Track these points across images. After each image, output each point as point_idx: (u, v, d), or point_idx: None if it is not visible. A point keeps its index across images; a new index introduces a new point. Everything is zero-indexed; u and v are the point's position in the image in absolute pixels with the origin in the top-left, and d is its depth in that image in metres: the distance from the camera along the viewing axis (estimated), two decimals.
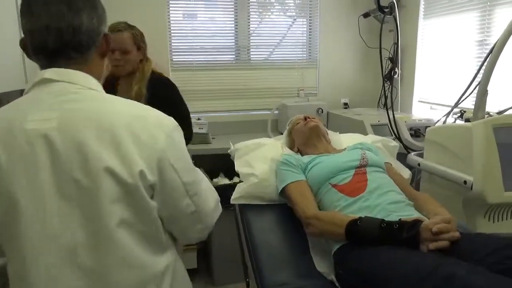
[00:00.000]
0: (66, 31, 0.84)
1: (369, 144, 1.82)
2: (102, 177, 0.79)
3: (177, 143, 0.89)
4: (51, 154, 0.80)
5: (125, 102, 0.90)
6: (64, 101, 0.84)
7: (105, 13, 0.93)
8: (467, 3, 2.52)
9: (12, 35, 1.80)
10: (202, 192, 0.97)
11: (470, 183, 1.59)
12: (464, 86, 1.96)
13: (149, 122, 0.86)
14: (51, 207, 0.81)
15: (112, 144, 0.80)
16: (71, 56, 0.87)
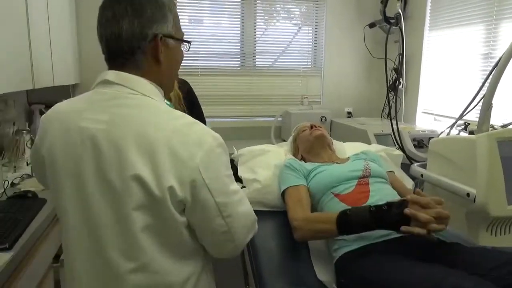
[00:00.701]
0: (110, 38, 0.89)
1: (373, 153, 1.82)
2: (131, 183, 0.82)
3: (214, 162, 0.86)
4: (96, 154, 0.85)
5: (172, 114, 0.89)
6: (115, 105, 0.88)
7: (160, 14, 0.91)
8: (473, 16, 2.53)
9: (21, 35, 1.81)
10: (238, 215, 0.93)
11: (473, 195, 1.59)
12: (468, 99, 1.96)
13: (190, 139, 0.85)
14: (92, 203, 0.87)
15: (147, 154, 0.82)
16: (121, 61, 0.91)
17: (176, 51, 0.98)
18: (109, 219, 0.86)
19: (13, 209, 1.47)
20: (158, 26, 0.90)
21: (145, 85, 0.91)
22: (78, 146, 0.87)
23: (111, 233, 0.87)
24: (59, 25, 2.40)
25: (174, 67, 1.00)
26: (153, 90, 0.92)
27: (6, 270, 1.13)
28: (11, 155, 2.04)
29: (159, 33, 0.90)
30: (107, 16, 0.89)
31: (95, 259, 0.89)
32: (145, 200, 0.83)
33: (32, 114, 2.64)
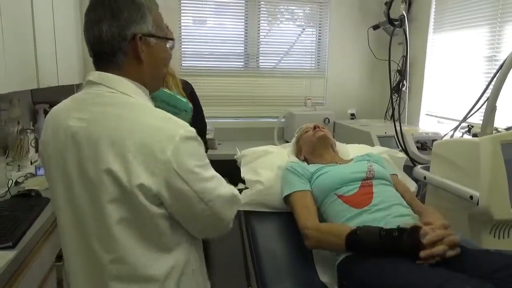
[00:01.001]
0: (93, 41, 0.94)
1: (376, 155, 1.81)
2: (104, 177, 0.86)
3: (186, 154, 0.88)
4: (77, 151, 0.90)
5: (146, 111, 0.92)
6: (95, 104, 0.93)
7: (139, 14, 0.93)
8: (477, 19, 2.52)
9: (26, 35, 1.82)
10: (219, 197, 0.96)
11: (476, 198, 1.58)
12: (472, 101, 1.96)
13: (161, 133, 0.87)
14: (77, 197, 0.92)
15: (119, 149, 0.85)
16: (104, 62, 0.95)
17: (159, 49, 0.99)
18: (90, 212, 0.91)
19: (16, 208, 1.48)
20: (136, 26, 0.93)
21: (125, 84, 0.94)
22: (64, 144, 0.93)
23: (91, 226, 0.91)
24: (64, 25, 2.42)
25: (158, 65, 1.02)
26: (133, 89, 0.95)
27: (10, 268, 1.14)
28: (15, 154, 2.05)
29: (138, 33, 0.93)
30: (90, 20, 0.94)
31: (83, 250, 0.94)
32: (118, 193, 0.87)
33: (37, 114, 2.66)
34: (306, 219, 1.43)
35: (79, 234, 0.94)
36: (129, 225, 0.89)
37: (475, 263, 1.17)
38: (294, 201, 1.54)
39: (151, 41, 0.96)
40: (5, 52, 1.56)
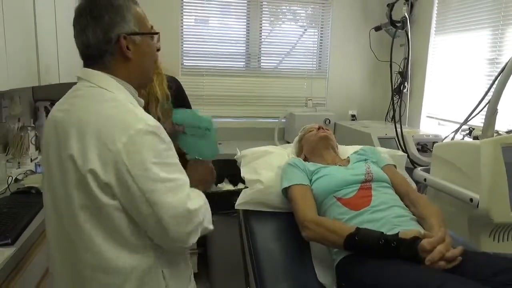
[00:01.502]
0: (82, 48, 1.01)
1: (371, 149, 1.82)
2: (68, 162, 0.92)
3: (140, 148, 0.89)
4: (57, 137, 0.97)
5: (113, 103, 0.96)
6: (74, 96, 1.01)
7: (119, 16, 0.98)
8: (479, 21, 2.52)
9: (27, 32, 1.82)
10: (165, 204, 0.91)
11: (476, 201, 1.58)
12: (473, 104, 1.96)
13: (118, 124, 0.90)
14: (54, 181, 0.97)
15: (80, 137, 0.91)
16: (91, 63, 1.01)
17: (145, 45, 1.04)
18: (62, 197, 0.96)
19: (16, 205, 1.48)
20: (119, 27, 0.98)
21: (105, 79, 1.00)
22: (49, 132, 1.01)
23: (64, 211, 0.96)
24: (66, 23, 2.40)
25: (147, 59, 1.06)
26: (113, 84, 0.99)
27: (8, 265, 1.14)
28: (16, 151, 2.05)
29: (121, 33, 0.98)
30: (76, 29, 1.01)
31: (60, 233, 0.99)
32: (77, 179, 0.91)
33: (37, 111, 2.65)
34: (305, 211, 1.44)
35: (55, 218, 0.99)
36: (90, 213, 0.92)
37: (474, 266, 1.17)
38: (294, 193, 1.54)
39: (136, 38, 1.01)
40: (7, 50, 1.56)
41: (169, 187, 0.92)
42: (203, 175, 1.21)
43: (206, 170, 1.23)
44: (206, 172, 1.23)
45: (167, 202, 0.91)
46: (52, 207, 1.00)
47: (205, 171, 1.23)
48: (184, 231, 0.94)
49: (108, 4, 0.98)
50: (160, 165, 0.91)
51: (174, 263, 1.05)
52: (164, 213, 0.90)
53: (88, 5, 0.99)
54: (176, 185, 0.93)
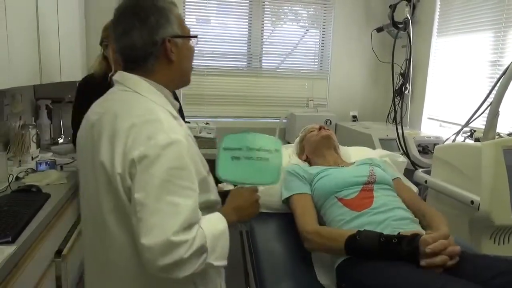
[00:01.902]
0: (125, 50, 1.01)
1: (378, 160, 1.79)
2: (99, 168, 0.94)
3: (153, 160, 0.87)
4: (92, 141, 0.99)
5: (140, 111, 0.95)
6: (109, 99, 1.03)
7: (164, 19, 0.99)
8: (481, 23, 2.52)
9: (30, 31, 1.83)
10: (148, 223, 0.85)
11: (477, 203, 1.58)
12: (474, 106, 1.95)
13: (141, 134, 0.90)
14: (88, 182, 1.01)
15: (111, 143, 0.92)
16: (132, 66, 1.01)
17: (185, 47, 1.05)
18: (95, 199, 0.98)
19: (17, 203, 1.47)
20: (164, 30, 0.99)
21: (139, 83, 1.00)
22: (84, 134, 1.04)
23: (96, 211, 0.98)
24: (68, 22, 2.42)
25: (186, 62, 1.08)
26: (148, 88, 1.00)
27: (9, 263, 1.13)
28: (17, 149, 2.05)
29: (166, 36, 0.99)
30: (119, 31, 1.00)
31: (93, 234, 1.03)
32: (107, 183, 0.93)
33: (39, 109, 2.66)
34: (305, 222, 1.43)
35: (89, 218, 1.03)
36: (119, 217, 0.94)
37: (474, 268, 1.17)
38: (294, 203, 1.54)
39: (178, 41, 1.02)
40: (9, 48, 1.56)
41: (161, 209, 0.86)
42: (245, 204, 1.12)
43: (250, 199, 1.13)
44: (250, 201, 1.13)
45: (150, 223, 0.85)
46: (86, 208, 1.05)
47: (249, 200, 1.13)
48: (159, 263, 0.85)
49: (152, 5, 0.98)
50: (168, 183, 0.87)
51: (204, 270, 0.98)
52: (142, 233, 0.85)
53: (131, 6, 0.99)
54: (172, 210, 0.86)
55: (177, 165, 0.89)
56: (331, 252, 1.36)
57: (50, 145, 2.64)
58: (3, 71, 1.54)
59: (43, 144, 2.56)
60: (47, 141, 2.66)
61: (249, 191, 1.15)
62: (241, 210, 1.11)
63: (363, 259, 1.23)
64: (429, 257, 1.15)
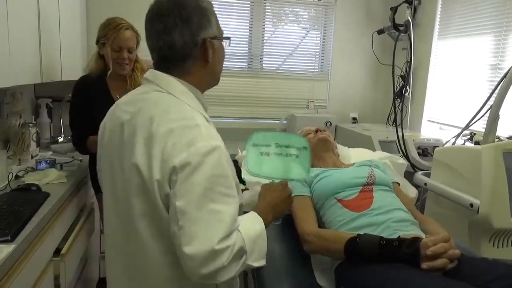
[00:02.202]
0: (163, 49, 0.97)
1: (378, 162, 1.80)
2: (132, 169, 0.93)
3: (195, 167, 0.86)
4: (121, 140, 0.98)
5: (178, 115, 0.94)
6: (141, 99, 1.00)
7: (205, 19, 0.98)
8: (482, 27, 2.52)
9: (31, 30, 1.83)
10: (190, 232, 0.85)
11: (477, 206, 1.58)
12: (474, 109, 1.96)
13: (181, 140, 0.89)
14: (115, 180, 1.00)
15: (147, 146, 0.91)
16: (168, 66, 0.99)
17: (220, 49, 1.05)
18: (123, 201, 0.97)
19: (16, 202, 1.47)
20: (205, 31, 0.98)
21: (174, 84, 0.99)
22: (112, 132, 1.02)
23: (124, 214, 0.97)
24: (69, 21, 2.42)
25: (219, 64, 1.07)
26: (181, 89, 0.99)
27: (8, 262, 1.13)
28: (16, 148, 2.05)
29: (207, 37, 0.98)
30: (158, 29, 0.96)
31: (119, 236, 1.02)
32: (141, 188, 0.91)
33: (39, 108, 2.66)
34: (305, 224, 1.43)
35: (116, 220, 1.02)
36: (150, 221, 0.93)
37: (473, 271, 1.17)
38: (293, 205, 1.52)
39: (215, 43, 1.01)
40: (11, 47, 1.56)
41: (203, 217, 0.86)
42: (278, 200, 1.13)
43: (283, 195, 1.15)
44: (283, 197, 1.14)
45: (192, 231, 0.85)
46: (113, 210, 1.03)
47: (283, 196, 1.14)
48: (202, 271, 0.86)
49: (196, 5, 0.97)
50: (208, 191, 0.87)
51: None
52: (184, 241, 0.85)
53: (175, 5, 0.96)
54: (214, 218, 0.87)
55: (219, 173, 0.89)
56: (330, 254, 1.36)
57: (50, 144, 2.64)
58: (4, 69, 1.54)
59: (43, 142, 2.56)
60: (47, 139, 2.66)
61: (281, 186, 1.16)
62: (275, 206, 1.12)
63: (363, 261, 1.23)
64: (429, 260, 1.15)
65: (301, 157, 1.21)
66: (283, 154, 1.21)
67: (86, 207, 2.15)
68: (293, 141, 1.23)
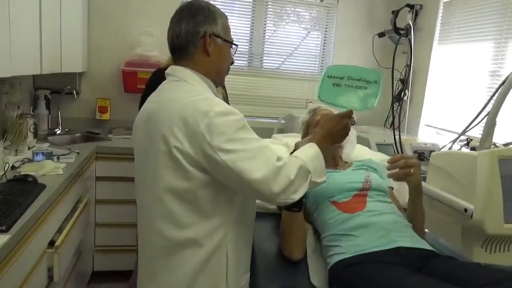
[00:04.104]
0: (173, 36, 1.18)
1: (376, 163, 1.79)
2: (159, 143, 1.08)
3: (219, 127, 1.02)
4: (149, 123, 1.14)
5: (192, 92, 1.11)
6: (163, 89, 1.20)
7: (211, 18, 1.17)
8: (482, 33, 2.53)
9: (32, 21, 1.82)
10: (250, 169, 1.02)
11: (471, 211, 1.59)
12: (472, 115, 1.96)
13: (198, 110, 1.04)
14: (143, 155, 1.16)
15: (170, 122, 1.06)
16: (178, 54, 1.19)
17: (224, 48, 1.22)
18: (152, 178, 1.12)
19: (12, 192, 1.48)
20: (208, 26, 1.17)
21: (186, 73, 1.17)
22: (141, 122, 1.20)
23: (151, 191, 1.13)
24: (71, 14, 2.41)
25: (222, 62, 1.23)
26: (193, 77, 1.16)
27: (2, 252, 1.14)
28: (14, 138, 2.05)
29: (208, 31, 1.16)
30: (173, 22, 1.19)
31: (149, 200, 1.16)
32: (168, 157, 1.06)
33: (37, 99, 2.65)
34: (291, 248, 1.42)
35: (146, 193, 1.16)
36: (175, 193, 1.08)
37: (465, 276, 1.18)
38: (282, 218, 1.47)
39: (218, 40, 1.19)
40: (11, 37, 1.56)
41: (247, 155, 1.04)
42: (335, 129, 1.26)
43: (340, 123, 1.27)
44: (339, 127, 1.27)
45: (250, 167, 1.02)
46: (143, 189, 1.17)
47: (340, 125, 1.26)
48: (274, 190, 1.04)
49: (205, 7, 1.18)
50: (237, 140, 1.04)
51: (237, 247, 1.18)
52: (248, 177, 1.02)
53: (189, 5, 1.18)
54: (253, 152, 1.05)
55: (239, 126, 1.07)
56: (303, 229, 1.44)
57: (48, 136, 2.64)
58: (4, 60, 1.54)
59: (40, 134, 2.55)
60: (45, 131, 2.66)
61: (339, 117, 1.28)
62: (331, 134, 1.26)
63: (357, 262, 1.24)
64: None
65: (370, 89, 1.34)
66: (353, 86, 1.35)
67: (81, 200, 2.15)
68: (365, 74, 1.35)
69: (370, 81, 1.35)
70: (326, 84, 1.40)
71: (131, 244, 2.57)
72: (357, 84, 1.36)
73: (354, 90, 1.37)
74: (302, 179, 1.10)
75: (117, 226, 2.57)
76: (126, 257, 2.59)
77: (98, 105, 2.95)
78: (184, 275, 1.10)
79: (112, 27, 2.95)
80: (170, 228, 1.10)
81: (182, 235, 1.09)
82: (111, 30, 2.95)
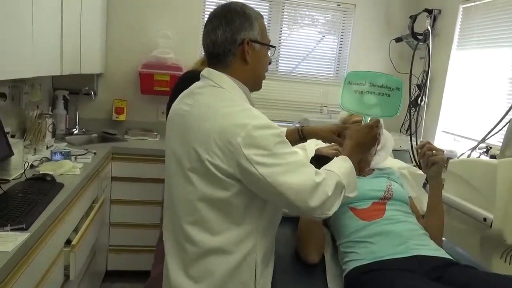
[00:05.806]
0: (209, 45, 1.14)
1: (396, 173, 1.71)
2: (191, 152, 1.07)
3: (256, 140, 1.00)
4: (183, 128, 1.12)
5: (230, 103, 1.09)
6: (199, 93, 1.15)
7: (247, 23, 1.13)
8: (502, 39, 2.49)
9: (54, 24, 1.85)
10: (287, 183, 1.01)
11: (490, 221, 1.56)
12: (491, 122, 1.93)
13: (235, 122, 1.02)
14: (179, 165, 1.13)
15: (202, 132, 1.05)
16: (214, 62, 1.16)
17: (262, 53, 1.18)
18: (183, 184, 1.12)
19: (31, 191, 1.50)
20: (245, 32, 1.12)
21: (225, 80, 1.13)
22: (175, 121, 1.18)
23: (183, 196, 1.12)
24: (91, 16, 2.45)
25: (260, 67, 1.20)
26: (231, 84, 1.13)
27: (22, 250, 1.15)
28: (33, 138, 2.08)
29: (246, 38, 1.12)
30: (208, 29, 1.15)
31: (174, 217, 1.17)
32: (202, 169, 1.05)
33: (56, 99, 2.70)
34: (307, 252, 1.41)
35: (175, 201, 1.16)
36: (209, 202, 1.07)
37: (483, 286, 1.15)
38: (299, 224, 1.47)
39: (256, 46, 1.15)
40: (34, 39, 1.59)
41: (286, 169, 1.02)
42: (365, 139, 1.25)
43: (369, 134, 1.26)
44: (369, 137, 1.26)
45: (289, 182, 1.01)
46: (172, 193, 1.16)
47: (369, 135, 1.26)
48: (312, 204, 1.03)
49: (241, 11, 1.13)
50: (275, 155, 1.02)
51: (266, 257, 1.17)
52: (286, 191, 1.01)
53: (224, 10, 1.14)
54: (292, 167, 1.03)
55: (276, 140, 1.03)
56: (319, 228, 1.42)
57: (65, 135, 2.68)
58: (27, 61, 1.57)
59: (58, 134, 2.60)
60: (62, 131, 2.70)
61: (367, 127, 1.28)
62: (361, 145, 1.26)
63: (373, 269, 1.22)
64: None
65: (393, 96, 1.30)
66: (375, 92, 1.31)
67: (97, 200, 2.17)
68: (387, 81, 1.31)
69: (392, 88, 1.31)
70: (347, 91, 1.38)
71: (145, 245, 2.59)
72: (379, 91, 1.32)
73: (377, 97, 1.33)
74: (337, 194, 1.09)
75: (132, 226, 2.59)
76: (139, 257, 2.61)
77: (114, 106, 2.99)
78: (214, 281, 1.09)
79: (129, 30, 2.99)
80: (201, 233, 1.09)
81: (212, 241, 1.09)
82: (129, 33, 2.99)
